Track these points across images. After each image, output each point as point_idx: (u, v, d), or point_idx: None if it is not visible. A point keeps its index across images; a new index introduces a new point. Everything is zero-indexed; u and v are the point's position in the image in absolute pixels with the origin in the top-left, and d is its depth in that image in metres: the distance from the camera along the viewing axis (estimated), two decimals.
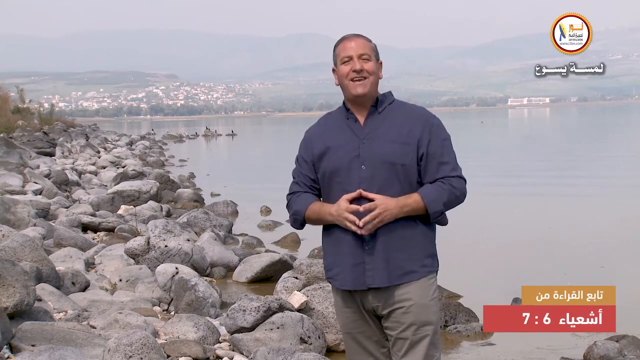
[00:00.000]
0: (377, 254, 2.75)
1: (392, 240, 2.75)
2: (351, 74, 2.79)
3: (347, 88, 2.83)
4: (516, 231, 11.27)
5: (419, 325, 2.79)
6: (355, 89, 2.80)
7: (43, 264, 5.90)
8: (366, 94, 2.81)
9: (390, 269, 2.76)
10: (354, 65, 2.79)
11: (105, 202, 12.50)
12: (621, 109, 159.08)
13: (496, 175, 19.69)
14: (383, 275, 2.76)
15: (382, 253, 2.75)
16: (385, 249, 2.75)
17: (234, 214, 13.52)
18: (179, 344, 4.66)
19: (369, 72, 2.80)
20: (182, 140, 58.00)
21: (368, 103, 2.85)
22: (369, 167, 2.76)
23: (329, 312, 5.45)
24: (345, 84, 2.83)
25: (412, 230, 2.78)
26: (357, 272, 2.78)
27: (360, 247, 2.76)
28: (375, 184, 2.74)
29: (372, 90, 2.82)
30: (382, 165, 2.74)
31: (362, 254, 2.76)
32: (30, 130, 33.59)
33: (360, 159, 2.78)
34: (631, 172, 20.23)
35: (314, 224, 2.91)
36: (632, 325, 5.98)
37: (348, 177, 2.78)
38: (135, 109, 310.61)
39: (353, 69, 2.79)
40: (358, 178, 2.76)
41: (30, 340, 4.24)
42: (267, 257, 8.13)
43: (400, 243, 2.76)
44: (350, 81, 2.80)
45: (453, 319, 6.31)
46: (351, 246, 2.77)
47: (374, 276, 2.76)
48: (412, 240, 2.78)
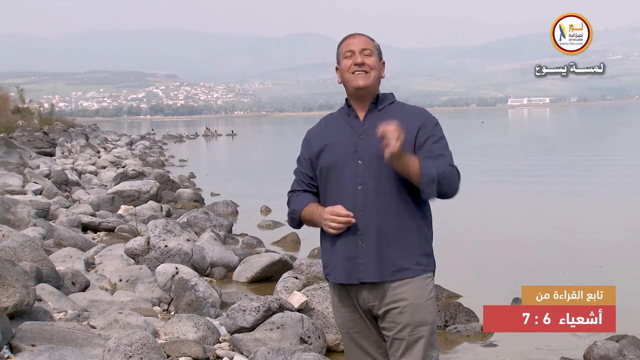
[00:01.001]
0: (370, 248, 2.76)
1: (386, 236, 2.76)
2: (353, 67, 2.81)
3: (348, 81, 2.84)
4: (516, 231, 11.27)
5: (415, 326, 2.78)
6: (356, 81, 2.81)
7: (43, 264, 5.90)
8: (367, 87, 2.81)
9: (382, 264, 2.76)
10: (356, 58, 2.81)
11: (105, 202, 12.50)
12: (621, 108, 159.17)
13: (496, 175, 19.68)
14: (375, 270, 2.76)
15: (376, 248, 2.76)
16: (378, 244, 2.76)
17: (234, 214, 13.52)
18: (179, 344, 4.66)
19: (370, 67, 2.81)
20: (182, 140, 57.99)
21: (369, 99, 2.86)
22: (366, 162, 2.77)
23: (329, 312, 5.45)
24: (346, 77, 2.84)
25: (407, 227, 2.78)
26: (350, 266, 2.79)
27: (354, 242, 2.77)
28: (372, 179, 2.75)
29: (373, 84, 2.83)
30: (379, 160, 2.73)
31: (356, 248, 2.77)
32: (30, 130, 33.62)
33: (357, 154, 2.79)
34: (630, 172, 20.23)
35: (309, 225, 2.94)
36: (632, 325, 5.98)
37: (344, 172, 2.79)
38: (135, 109, 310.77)
39: (355, 62, 2.81)
40: (354, 173, 2.78)
41: (30, 340, 4.24)
42: (267, 257, 8.13)
43: (394, 239, 2.77)
44: (352, 74, 2.82)
45: (453, 319, 6.30)
46: (346, 241, 2.78)
47: (366, 271, 2.76)
48: (407, 238, 2.78)
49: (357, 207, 2.75)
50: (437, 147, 2.79)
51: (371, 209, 2.76)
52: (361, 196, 2.76)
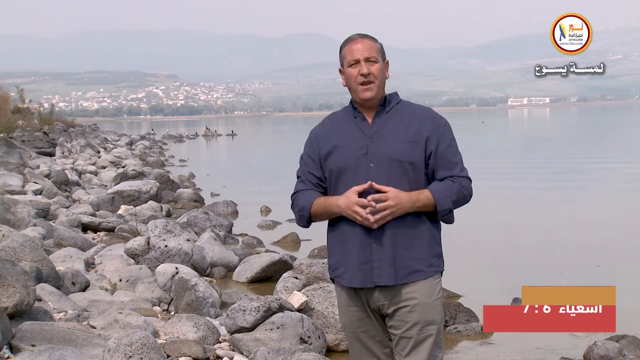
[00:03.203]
0: (384, 252, 2.76)
1: (399, 238, 2.77)
2: (359, 77, 2.81)
3: (355, 92, 2.86)
4: (515, 231, 11.28)
5: (423, 325, 2.80)
6: (363, 93, 2.82)
7: (43, 264, 5.90)
8: (374, 98, 2.83)
9: (397, 267, 2.77)
10: (361, 69, 2.80)
11: (105, 202, 12.50)
12: (621, 108, 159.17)
13: (495, 175, 19.66)
14: (390, 273, 2.77)
15: (390, 251, 2.76)
16: (392, 247, 2.76)
17: (234, 214, 13.52)
18: (179, 344, 4.66)
19: (375, 76, 2.82)
20: (182, 140, 58.01)
21: (376, 104, 2.87)
22: (378, 164, 2.77)
23: (329, 312, 5.45)
24: (353, 87, 2.85)
25: (419, 229, 2.80)
26: (364, 270, 2.79)
27: (368, 245, 2.77)
28: (384, 182, 2.74)
29: (379, 93, 2.85)
30: (391, 163, 2.76)
31: (370, 252, 2.77)
32: (30, 130, 33.58)
33: (369, 157, 2.79)
34: (629, 171, 20.22)
35: (321, 219, 2.90)
36: (632, 325, 5.98)
37: (356, 175, 2.79)
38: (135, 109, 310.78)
39: (360, 73, 2.81)
40: (366, 176, 2.77)
41: (30, 340, 4.24)
42: (267, 257, 8.12)
43: (407, 242, 2.78)
44: (359, 85, 2.82)
45: (453, 319, 6.31)
46: (359, 244, 2.78)
47: (380, 274, 2.77)
48: (419, 240, 2.80)
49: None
50: (448, 155, 2.82)
51: None
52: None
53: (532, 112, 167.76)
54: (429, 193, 2.76)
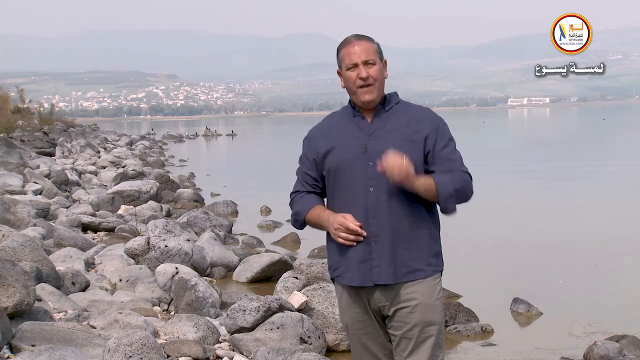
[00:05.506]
0: (384, 250, 2.76)
1: (398, 237, 2.77)
2: (358, 81, 2.80)
3: (354, 95, 2.85)
4: (514, 231, 11.28)
5: (424, 325, 2.80)
6: (363, 96, 2.82)
7: (43, 264, 5.89)
8: (374, 100, 2.83)
9: (396, 266, 2.77)
10: (360, 72, 2.79)
11: (105, 202, 12.50)
12: (621, 108, 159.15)
13: (495, 175, 19.66)
14: (389, 272, 2.77)
15: (389, 250, 2.76)
16: (391, 246, 2.76)
17: (234, 214, 13.51)
18: (179, 344, 4.66)
19: (374, 78, 2.81)
20: (182, 140, 58.00)
21: (376, 104, 2.87)
22: (377, 163, 2.76)
23: (329, 312, 5.45)
24: (353, 90, 2.84)
25: (419, 228, 2.80)
26: (364, 269, 2.79)
27: (367, 244, 2.77)
28: (384, 180, 2.73)
29: (379, 94, 2.84)
30: None
31: (370, 250, 2.77)
32: (30, 130, 33.61)
33: (368, 156, 2.78)
34: (628, 171, 20.22)
35: (313, 227, 2.93)
36: (632, 325, 5.99)
37: (354, 174, 2.79)
38: (135, 109, 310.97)
39: (359, 76, 2.80)
40: (365, 174, 2.77)
41: (30, 340, 4.24)
42: (267, 257, 8.12)
43: (406, 241, 2.78)
44: (359, 88, 2.81)
45: (453, 319, 6.30)
46: (358, 244, 2.78)
47: (380, 273, 2.77)
48: (418, 239, 2.80)
49: (369, 209, 2.75)
50: (447, 152, 2.81)
51: (384, 210, 2.76)
52: (373, 198, 2.76)
53: (532, 112, 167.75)
54: (431, 178, 2.74)
